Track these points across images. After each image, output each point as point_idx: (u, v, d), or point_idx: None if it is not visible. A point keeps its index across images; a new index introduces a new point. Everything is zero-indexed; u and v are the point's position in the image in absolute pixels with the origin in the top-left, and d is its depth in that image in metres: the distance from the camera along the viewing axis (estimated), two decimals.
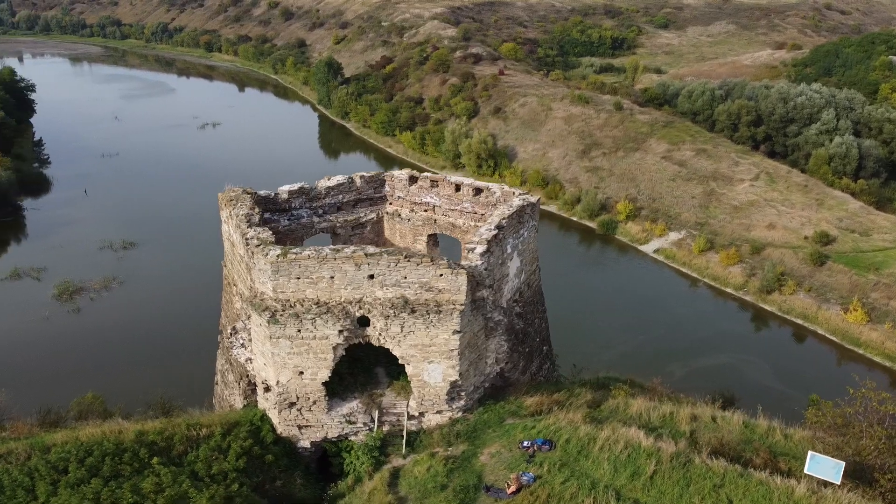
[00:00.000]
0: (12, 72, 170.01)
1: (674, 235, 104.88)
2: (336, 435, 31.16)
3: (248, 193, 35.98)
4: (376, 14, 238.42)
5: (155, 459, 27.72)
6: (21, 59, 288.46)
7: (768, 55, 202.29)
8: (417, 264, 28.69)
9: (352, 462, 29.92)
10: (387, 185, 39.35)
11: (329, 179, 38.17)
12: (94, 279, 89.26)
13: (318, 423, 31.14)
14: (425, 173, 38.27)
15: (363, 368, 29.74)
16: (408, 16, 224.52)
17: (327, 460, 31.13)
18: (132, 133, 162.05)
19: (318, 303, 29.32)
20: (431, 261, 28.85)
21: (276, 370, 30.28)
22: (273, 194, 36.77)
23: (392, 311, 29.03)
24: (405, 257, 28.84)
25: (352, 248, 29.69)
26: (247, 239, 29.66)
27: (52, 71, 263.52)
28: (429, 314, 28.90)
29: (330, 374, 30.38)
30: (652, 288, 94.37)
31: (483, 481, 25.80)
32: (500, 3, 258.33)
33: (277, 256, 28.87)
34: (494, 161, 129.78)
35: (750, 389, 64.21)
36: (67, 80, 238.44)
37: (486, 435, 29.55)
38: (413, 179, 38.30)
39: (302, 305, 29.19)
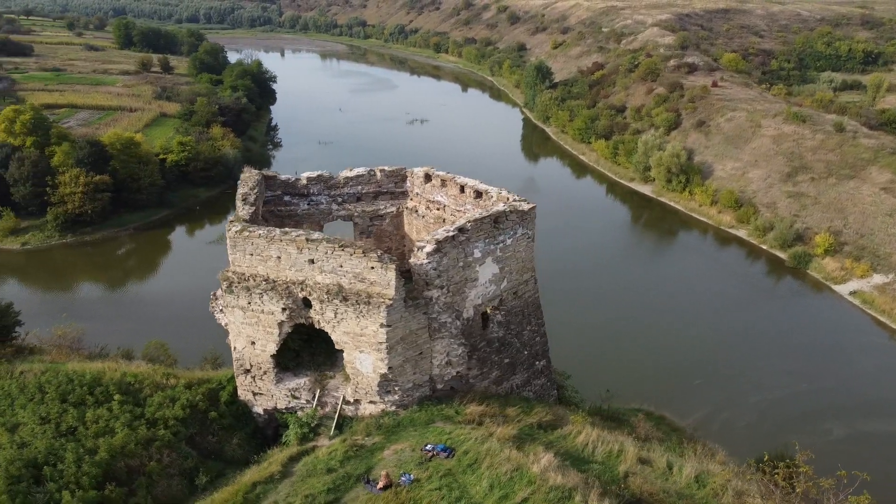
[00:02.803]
0: (259, 64, 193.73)
1: (879, 278, 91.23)
2: (284, 406, 32.72)
3: (267, 176, 38.33)
4: (598, 20, 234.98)
5: (118, 397, 31.34)
6: (283, 54, 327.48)
7: None
8: (351, 254, 28.99)
9: (288, 435, 31.27)
10: (408, 181, 39.53)
11: (350, 170, 39.39)
12: None
13: (269, 393, 32.98)
14: (438, 172, 37.82)
15: (325, 349, 30.60)
16: (629, 22, 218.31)
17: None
18: (349, 124, 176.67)
19: (266, 279, 30.89)
20: (364, 253, 28.95)
21: (234, 337, 32.73)
22: (294, 179, 38.67)
23: (327, 297, 29.75)
24: (340, 246, 29.30)
25: (298, 231, 30.73)
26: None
27: (305, 65, 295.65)
28: (359, 304, 29.16)
29: (277, 349, 31.83)
30: (835, 333, 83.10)
31: (369, 473, 25.77)
32: (736, 11, 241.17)
33: (237, 232, 30.85)
34: (686, 177, 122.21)
35: None
36: (314, 74, 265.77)
37: (406, 432, 29.25)
38: (428, 177, 38.21)
39: (254, 280, 31.04)
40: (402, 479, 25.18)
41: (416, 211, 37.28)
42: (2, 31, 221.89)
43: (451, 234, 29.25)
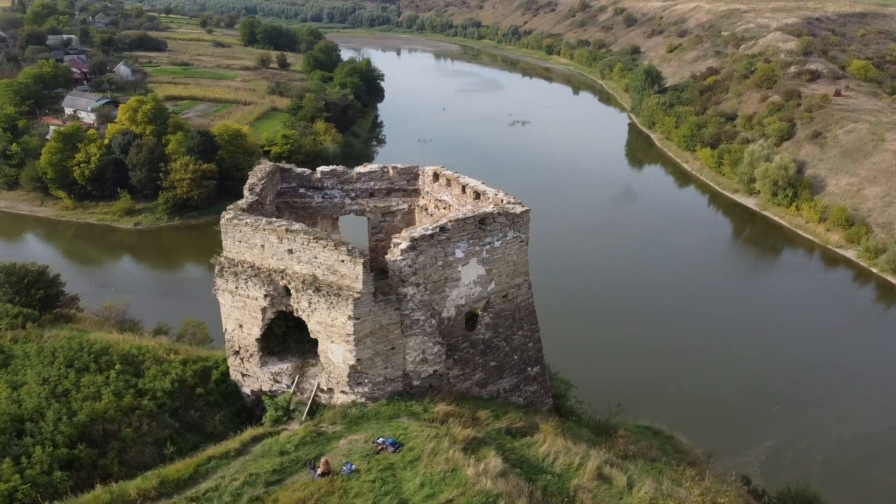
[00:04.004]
0: (369, 62, 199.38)
1: None
2: (268, 389, 33.60)
3: (283, 168, 39.44)
4: (718, 23, 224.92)
5: (118, 366, 33.46)
6: (399, 53, 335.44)
7: None
8: (324, 246, 29.29)
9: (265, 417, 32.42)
10: (420, 179, 39.55)
11: (365, 167, 39.73)
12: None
13: (254, 375, 33.98)
14: (445, 171, 37.58)
15: (310, 337, 31.04)
16: (751, 26, 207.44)
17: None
18: (451, 123, 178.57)
19: (252, 266, 31.79)
20: (335, 245, 29.16)
21: (225, 319, 33.93)
22: (309, 172, 39.60)
23: (302, 287, 30.30)
24: (315, 238, 29.59)
25: (280, 221, 31.30)
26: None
27: (419, 64, 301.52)
28: (330, 296, 29.50)
29: (262, 333, 32.69)
30: None
31: (317, 459, 26.27)
32: (875, 16, 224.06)
33: (228, 220, 31.96)
34: (793, 191, 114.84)
35: None
36: (425, 73, 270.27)
37: (368, 424, 29.36)
38: (436, 176, 38.03)
39: (241, 266, 32.02)
40: (344, 468, 25.78)
41: (427, 209, 37.63)
42: (142, 28, 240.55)
43: (428, 232, 29.19)
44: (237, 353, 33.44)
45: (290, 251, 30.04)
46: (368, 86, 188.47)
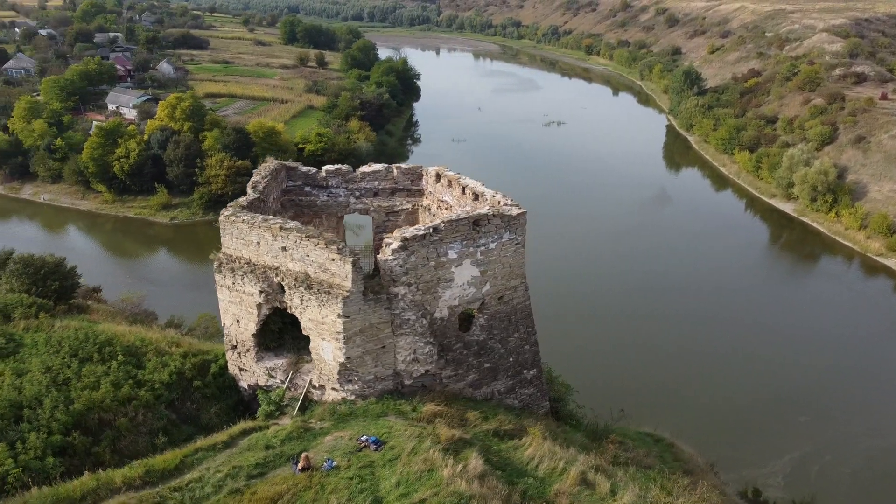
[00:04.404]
0: (405, 61, 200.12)
1: None
2: (264, 383, 33.91)
3: (289, 167, 39.91)
4: (763, 24, 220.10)
5: (120, 357, 34.41)
6: (438, 52, 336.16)
7: None
8: (315, 245, 29.52)
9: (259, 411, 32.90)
10: (423, 179, 39.62)
11: (369, 166, 39.83)
12: None
13: (251, 370, 34.33)
14: (448, 172, 37.47)
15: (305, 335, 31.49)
16: (797, 27, 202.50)
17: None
18: (485, 123, 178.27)
19: (248, 262, 32.13)
20: (326, 244, 29.30)
21: (223, 314, 34.42)
22: (314, 171, 39.97)
23: (295, 284, 30.53)
24: (307, 236, 29.75)
25: (276, 219, 31.48)
26: None
27: (457, 63, 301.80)
28: (321, 293, 29.63)
29: (257, 329, 33.00)
30: None
31: (302, 454, 26.55)
32: None
33: (226, 217, 32.40)
34: (834, 196, 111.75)
35: None
36: (463, 73, 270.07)
37: (355, 421, 29.34)
38: (438, 177, 38.08)
39: (238, 263, 32.39)
40: (325, 464, 25.99)
41: (430, 209, 37.81)
42: (186, 27, 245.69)
43: (421, 232, 29.29)
44: (234, 347, 34.06)
45: (284, 248, 30.45)
46: (404, 85, 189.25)
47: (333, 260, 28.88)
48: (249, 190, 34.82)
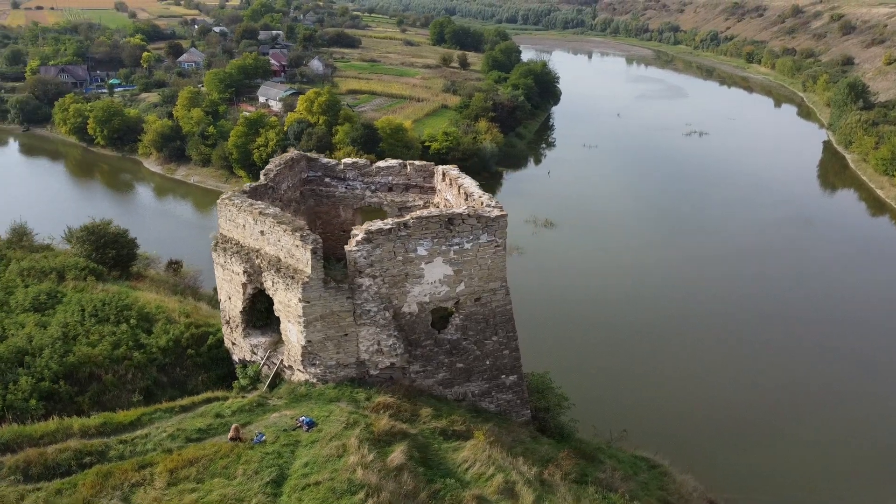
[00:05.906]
0: (545, 65, 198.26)
1: None
2: (248, 359, 35.16)
3: (310, 158, 41.27)
4: None
5: (132, 321, 36.93)
6: (590, 57, 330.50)
7: None
8: (284, 231, 30.37)
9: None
10: (435, 177, 39.67)
11: (385, 161, 40.06)
12: None
13: (240, 345, 35.65)
14: (451, 171, 37.29)
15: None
16: None
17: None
18: (621, 130, 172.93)
19: (237, 244, 33.43)
20: (293, 231, 29.99)
21: (219, 291, 36.15)
22: (334, 163, 40.99)
23: (268, 266, 31.45)
24: (279, 222, 30.49)
25: (259, 204, 32.38)
26: None
27: (607, 68, 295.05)
28: (287, 277, 30.35)
29: (244, 306, 34.12)
30: None
31: (233, 425, 27.48)
32: None
33: (222, 200, 33.87)
34: None
35: None
36: (610, 78, 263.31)
37: (307, 403, 29.75)
38: (444, 176, 38.15)
39: (230, 244, 33.79)
40: (255, 438, 26.87)
41: (439, 207, 37.96)
42: (343, 26, 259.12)
43: (387, 226, 29.51)
44: (227, 322, 36.25)
45: (262, 232, 32.04)
46: (542, 88, 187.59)
47: (297, 246, 30.01)
48: (262, 177, 36.70)
